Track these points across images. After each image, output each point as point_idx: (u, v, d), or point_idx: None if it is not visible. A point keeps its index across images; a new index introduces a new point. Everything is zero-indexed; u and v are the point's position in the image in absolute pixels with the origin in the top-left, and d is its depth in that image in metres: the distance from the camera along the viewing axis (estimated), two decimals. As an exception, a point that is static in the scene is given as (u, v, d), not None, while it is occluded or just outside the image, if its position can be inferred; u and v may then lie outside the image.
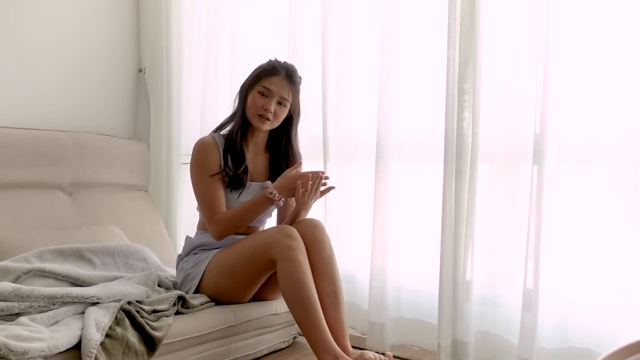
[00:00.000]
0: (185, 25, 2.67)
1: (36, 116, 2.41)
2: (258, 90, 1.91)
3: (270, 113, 1.90)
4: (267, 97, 1.91)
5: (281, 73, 1.92)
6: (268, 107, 1.90)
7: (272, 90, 1.91)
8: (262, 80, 1.92)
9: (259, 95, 1.91)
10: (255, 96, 1.92)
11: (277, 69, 1.92)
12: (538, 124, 1.76)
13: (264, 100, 1.90)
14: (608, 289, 1.73)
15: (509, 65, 1.87)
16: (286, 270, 1.74)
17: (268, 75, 1.91)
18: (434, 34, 2.02)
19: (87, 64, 2.61)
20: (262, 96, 1.91)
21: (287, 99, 1.93)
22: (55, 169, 2.28)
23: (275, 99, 1.91)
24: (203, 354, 1.79)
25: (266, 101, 1.90)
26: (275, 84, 1.90)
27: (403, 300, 2.12)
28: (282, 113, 1.94)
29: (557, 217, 1.80)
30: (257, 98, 1.91)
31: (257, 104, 1.91)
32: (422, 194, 2.09)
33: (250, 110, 1.93)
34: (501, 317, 1.89)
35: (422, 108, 2.07)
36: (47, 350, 1.39)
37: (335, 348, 1.65)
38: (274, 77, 1.91)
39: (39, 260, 1.83)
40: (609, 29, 1.73)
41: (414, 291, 2.11)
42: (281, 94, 1.91)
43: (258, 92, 1.91)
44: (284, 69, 1.94)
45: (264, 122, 1.92)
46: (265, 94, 1.91)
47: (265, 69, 1.94)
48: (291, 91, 1.93)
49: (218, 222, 1.88)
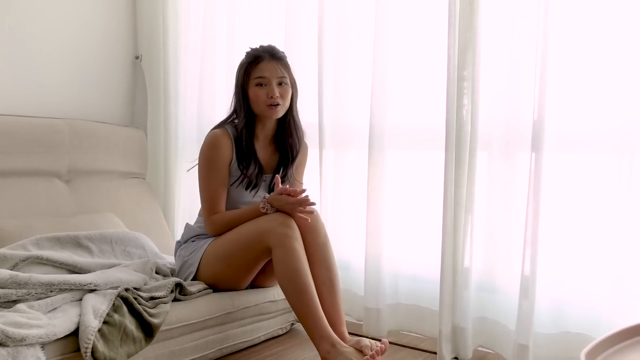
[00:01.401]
0: (182, 12, 2.65)
1: (33, 104, 2.41)
2: (255, 83, 1.91)
3: (277, 97, 1.90)
4: (266, 85, 1.91)
5: (265, 57, 1.92)
6: (272, 93, 1.90)
7: (266, 76, 1.91)
8: (252, 72, 1.92)
9: (259, 88, 1.91)
10: (255, 90, 1.91)
11: (259, 55, 1.93)
12: (536, 111, 1.75)
13: (265, 89, 1.91)
14: (603, 275, 1.74)
15: (508, 52, 1.86)
16: (282, 258, 1.74)
17: (255, 65, 1.92)
18: (432, 21, 2.01)
19: (83, 51, 2.59)
20: (262, 87, 1.91)
21: (284, 75, 1.93)
22: (52, 156, 2.28)
23: (274, 82, 1.91)
24: (201, 341, 1.80)
25: (268, 89, 1.90)
26: (267, 69, 1.91)
27: (400, 286, 2.13)
28: (286, 91, 1.94)
29: (554, 204, 1.80)
30: (258, 91, 1.91)
31: (261, 96, 1.91)
32: (419, 181, 2.09)
33: (257, 104, 1.92)
34: (499, 304, 1.90)
35: (420, 95, 2.07)
36: (44, 337, 1.39)
37: (331, 335, 1.66)
38: (261, 63, 1.92)
39: (37, 247, 1.83)
40: (608, 17, 1.72)
41: (410, 277, 2.12)
42: (277, 75, 1.92)
43: (256, 85, 1.91)
44: (265, 52, 1.94)
45: (276, 109, 1.92)
46: (263, 84, 1.91)
47: (250, 61, 1.94)
48: (283, 67, 1.94)
49: (214, 222, 1.92)
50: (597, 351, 0.97)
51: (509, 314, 1.85)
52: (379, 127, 2.08)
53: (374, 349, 1.61)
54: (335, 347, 1.63)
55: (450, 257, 1.91)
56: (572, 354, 1.76)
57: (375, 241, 2.10)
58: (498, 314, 1.91)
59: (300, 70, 2.31)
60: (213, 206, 1.92)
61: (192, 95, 2.65)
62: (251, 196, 1.98)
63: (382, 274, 2.10)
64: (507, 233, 1.88)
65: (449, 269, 1.91)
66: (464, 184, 1.90)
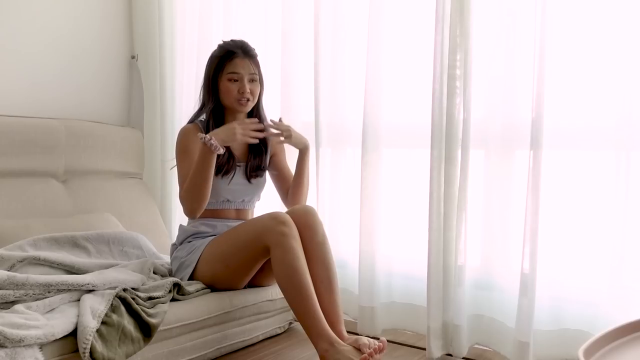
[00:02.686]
0: (178, 11, 2.65)
1: (29, 104, 2.40)
2: (227, 78, 1.96)
3: (248, 94, 1.96)
4: (238, 81, 1.96)
5: (239, 53, 1.97)
6: (243, 89, 1.96)
7: (239, 72, 1.96)
8: (225, 66, 1.96)
9: (231, 82, 1.96)
10: (227, 84, 1.97)
11: (233, 51, 1.97)
12: (534, 109, 1.76)
13: (237, 84, 1.96)
14: (602, 271, 1.75)
15: (503, 49, 1.86)
16: (280, 257, 1.74)
17: (229, 60, 1.96)
18: (426, 20, 2.01)
19: (79, 50, 2.58)
20: (234, 82, 1.96)
21: (255, 73, 1.99)
22: (48, 157, 2.27)
23: (245, 78, 1.97)
24: (199, 340, 1.81)
25: (239, 85, 1.96)
26: (240, 66, 1.96)
27: (395, 284, 2.14)
28: (256, 88, 2.01)
29: (553, 201, 1.80)
30: (230, 85, 1.96)
31: (232, 91, 1.96)
32: (412, 179, 2.10)
33: (227, 98, 1.98)
34: (497, 301, 1.91)
35: (412, 94, 2.08)
36: (43, 338, 1.39)
37: (329, 333, 1.66)
38: (235, 59, 1.96)
39: (34, 248, 1.83)
40: (605, 13, 1.72)
41: (405, 276, 2.12)
42: (249, 72, 1.97)
43: (228, 79, 1.96)
44: (239, 48, 1.98)
45: (245, 104, 1.99)
46: (235, 79, 1.96)
47: (224, 55, 1.97)
48: (254, 65, 2.00)
49: (180, 198, 1.93)
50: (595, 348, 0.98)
51: (508, 312, 1.86)
52: (373, 126, 2.09)
53: (372, 347, 1.61)
54: (334, 345, 1.63)
55: (439, 254, 1.92)
56: (571, 350, 1.77)
57: (370, 240, 2.11)
58: (496, 312, 1.91)
59: (296, 69, 2.32)
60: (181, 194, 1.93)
61: (188, 94, 2.65)
62: (226, 183, 1.99)
63: (376, 272, 2.11)
64: (506, 231, 1.88)
65: (437, 266, 1.92)
66: (456, 181, 1.90)
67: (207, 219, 2.01)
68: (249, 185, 2.03)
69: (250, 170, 2.04)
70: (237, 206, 2.05)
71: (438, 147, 1.91)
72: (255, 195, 2.09)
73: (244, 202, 2.06)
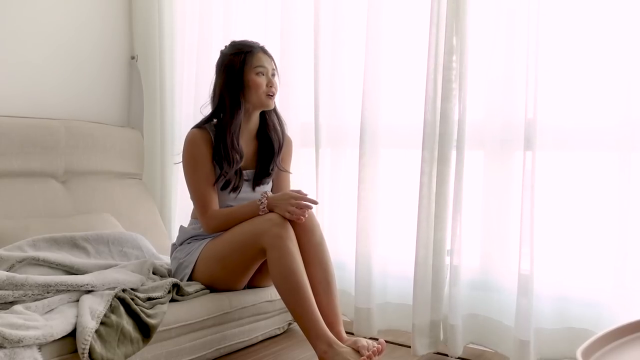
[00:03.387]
0: (178, 12, 2.65)
1: (29, 104, 2.40)
2: (255, 72, 1.93)
3: (275, 88, 1.96)
4: (265, 75, 1.94)
5: (259, 49, 1.96)
6: (272, 83, 1.95)
7: (266, 66, 1.95)
8: (251, 60, 1.93)
9: (258, 76, 1.93)
10: (254, 78, 1.93)
11: (254, 47, 1.96)
12: (530, 109, 1.76)
13: (264, 78, 1.94)
14: (603, 270, 1.75)
15: (499, 50, 1.86)
16: (276, 258, 1.74)
17: (253, 55, 1.94)
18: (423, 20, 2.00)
19: (79, 51, 2.59)
20: (262, 75, 1.94)
21: (275, 68, 1.99)
22: (48, 157, 2.27)
23: (270, 73, 1.96)
24: (198, 341, 1.80)
25: (267, 79, 1.94)
26: (264, 60, 1.96)
27: (391, 285, 2.13)
28: (277, 84, 1.99)
29: (554, 202, 1.80)
30: (258, 79, 1.93)
31: (262, 85, 1.93)
32: (410, 180, 2.09)
33: (255, 93, 1.93)
34: (495, 301, 1.91)
35: (411, 95, 2.07)
36: (41, 338, 1.39)
37: (328, 335, 1.66)
38: (259, 54, 1.95)
39: (33, 248, 1.83)
40: (602, 11, 1.73)
41: (401, 276, 2.12)
42: (271, 67, 1.97)
43: (256, 73, 1.93)
44: (255, 45, 1.98)
45: (272, 99, 1.97)
46: (262, 73, 1.94)
47: (247, 50, 1.95)
48: (274, 62, 2.00)
49: (209, 219, 1.90)
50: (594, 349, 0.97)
51: (507, 311, 1.85)
52: (371, 127, 2.09)
53: (371, 349, 1.61)
54: (332, 347, 1.63)
55: (427, 253, 1.92)
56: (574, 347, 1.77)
57: (366, 241, 2.10)
58: (495, 311, 1.91)
59: (296, 69, 2.32)
60: (205, 204, 1.91)
61: (188, 95, 2.65)
62: (233, 198, 1.97)
63: (372, 273, 2.10)
64: (504, 231, 1.88)
65: (425, 265, 1.92)
66: (450, 181, 1.90)
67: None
68: (252, 193, 2.01)
69: (256, 179, 2.01)
70: None
71: (430, 148, 1.91)
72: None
73: None
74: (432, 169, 1.92)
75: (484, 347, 1.97)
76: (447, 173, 1.90)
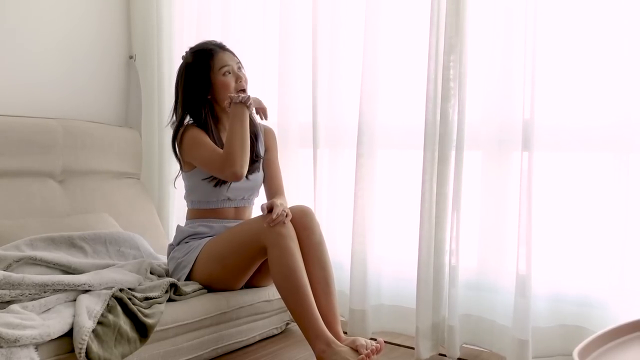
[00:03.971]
0: (176, 11, 2.65)
1: (27, 104, 2.40)
2: (222, 73, 1.96)
3: (244, 81, 1.99)
4: (231, 73, 1.98)
5: (218, 49, 2.00)
6: (240, 79, 1.98)
7: (230, 64, 1.98)
8: (214, 63, 1.97)
9: (225, 76, 1.97)
10: (222, 79, 1.97)
11: (210, 48, 1.99)
12: (527, 110, 1.76)
13: (231, 77, 1.97)
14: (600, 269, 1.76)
15: (498, 50, 1.87)
16: (277, 257, 1.74)
17: (214, 56, 1.98)
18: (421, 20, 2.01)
19: (77, 50, 2.58)
20: (228, 74, 1.97)
21: (239, 61, 2.03)
22: (45, 156, 2.27)
23: (235, 68, 1.99)
24: (196, 341, 1.80)
25: (235, 76, 1.98)
26: (226, 58, 1.99)
27: (387, 286, 2.13)
28: (245, 76, 2.02)
29: (547, 202, 1.81)
30: (226, 79, 1.97)
31: (230, 84, 1.97)
32: (408, 181, 2.10)
33: (226, 92, 1.95)
34: (492, 301, 1.91)
35: (408, 95, 2.08)
36: (38, 338, 1.39)
37: (327, 334, 1.66)
38: (219, 53, 1.98)
39: (30, 248, 1.82)
40: (598, 12, 1.73)
41: (399, 277, 2.12)
42: (235, 61, 2.01)
43: (222, 74, 1.96)
44: (212, 45, 2.01)
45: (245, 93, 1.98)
46: (229, 71, 1.97)
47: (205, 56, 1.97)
48: (234, 54, 2.03)
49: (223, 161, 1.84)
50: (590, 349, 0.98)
51: (505, 311, 1.86)
52: (368, 127, 2.09)
53: (370, 348, 1.61)
54: (331, 346, 1.63)
55: (429, 253, 1.92)
56: (569, 345, 1.78)
57: (362, 240, 2.10)
58: (492, 311, 1.91)
59: (294, 70, 2.32)
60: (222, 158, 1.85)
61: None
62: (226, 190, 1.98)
63: (367, 274, 2.09)
64: (501, 231, 1.88)
65: (427, 266, 1.92)
66: (450, 182, 1.90)
67: (205, 220, 2.00)
68: (247, 182, 2.01)
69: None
70: (237, 204, 2.04)
71: (431, 148, 1.91)
72: (254, 192, 2.09)
73: (243, 199, 2.06)
74: (433, 169, 1.92)
75: (482, 347, 1.97)
76: (447, 173, 1.90)
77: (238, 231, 1.86)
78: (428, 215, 1.92)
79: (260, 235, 1.78)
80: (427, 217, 1.92)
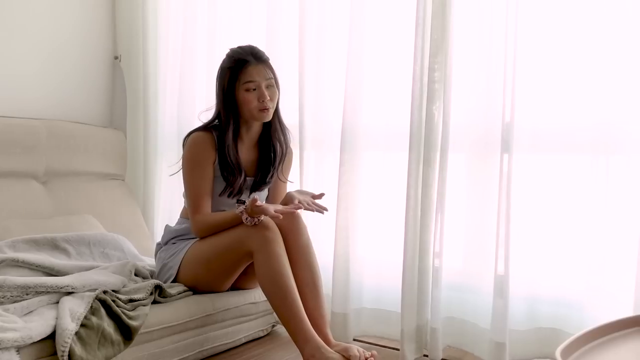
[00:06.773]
0: (162, 11, 2.63)
1: (9, 104, 2.37)
2: (244, 88, 1.86)
3: (268, 101, 1.87)
4: (256, 89, 1.87)
5: (251, 60, 1.87)
6: (263, 97, 1.86)
7: (256, 80, 1.86)
8: (240, 76, 1.86)
9: (249, 92, 1.87)
10: (245, 95, 1.86)
11: (245, 59, 1.87)
12: (508, 113, 1.78)
13: (255, 93, 1.87)
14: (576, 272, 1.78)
15: (481, 53, 1.88)
16: (263, 261, 1.73)
17: (242, 69, 1.86)
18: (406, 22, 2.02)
19: (61, 50, 2.56)
20: (252, 91, 1.87)
21: (271, 77, 1.90)
22: (28, 157, 2.24)
23: (263, 85, 1.87)
24: (181, 343, 1.79)
25: (258, 93, 1.87)
26: (255, 73, 1.86)
27: (369, 289, 2.13)
28: (274, 93, 1.91)
29: (527, 204, 1.83)
30: (248, 95, 1.86)
31: (252, 101, 1.86)
32: (391, 183, 2.09)
33: (248, 110, 1.88)
34: (473, 303, 1.92)
35: (393, 97, 2.08)
36: (20, 340, 1.37)
37: (315, 338, 1.65)
38: (249, 67, 1.86)
39: (12, 250, 1.80)
40: (578, 16, 1.76)
41: (381, 280, 2.11)
42: (265, 77, 1.88)
43: (245, 90, 1.86)
44: (249, 54, 1.88)
45: (267, 113, 1.89)
46: (253, 88, 1.86)
47: (235, 65, 1.87)
48: (269, 69, 1.91)
49: (197, 223, 1.87)
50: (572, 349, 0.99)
51: (483, 313, 1.87)
52: (352, 129, 2.09)
53: (363, 358, 1.60)
54: (320, 350, 1.62)
55: (414, 256, 1.93)
56: (545, 348, 1.79)
57: (345, 243, 2.10)
58: (471, 313, 1.92)
59: (281, 71, 2.31)
60: (197, 205, 1.88)
61: (171, 95, 2.63)
62: (230, 203, 1.96)
63: (350, 277, 2.09)
64: (482, 233, 1.90)
65: (412, 269, 1.92)
66: (434, 184, 1.91)
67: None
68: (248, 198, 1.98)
69: (254, 187, 1.99)
70: None
71: (417, 150, 1.92)
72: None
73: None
74: (418, 171, 1.93)
75: (462, 349, 1.98)
76: (432, 175, 1.91)
77: (224, 234, 1.84)
78: (413, 218, 1.93)
79: (246, 240, 1.77)
80: (412, 220, 1.93)
